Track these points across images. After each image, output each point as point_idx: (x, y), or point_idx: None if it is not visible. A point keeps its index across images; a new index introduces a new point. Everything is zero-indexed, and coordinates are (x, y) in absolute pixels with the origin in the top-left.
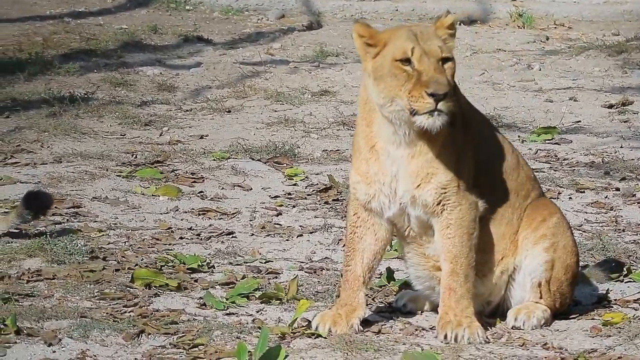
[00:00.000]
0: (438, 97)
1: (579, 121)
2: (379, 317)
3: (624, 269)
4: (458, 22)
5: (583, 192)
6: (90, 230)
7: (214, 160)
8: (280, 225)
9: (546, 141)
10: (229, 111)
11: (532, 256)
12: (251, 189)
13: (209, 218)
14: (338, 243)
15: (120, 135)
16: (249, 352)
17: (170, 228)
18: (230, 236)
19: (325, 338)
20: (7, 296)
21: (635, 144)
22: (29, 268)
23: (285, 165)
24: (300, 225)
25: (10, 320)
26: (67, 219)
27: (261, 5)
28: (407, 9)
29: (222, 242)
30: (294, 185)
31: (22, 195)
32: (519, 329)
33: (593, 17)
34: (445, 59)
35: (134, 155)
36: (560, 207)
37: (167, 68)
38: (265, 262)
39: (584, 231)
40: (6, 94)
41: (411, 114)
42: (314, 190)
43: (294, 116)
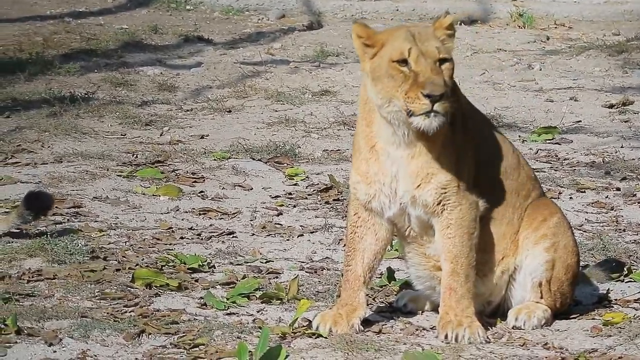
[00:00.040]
0: (434, 98)
1: (580, 121)
2: (379, 317)
3: (625, 269)
4: (458, 22)
5: (584, 192)
6: (90, 230)
7: (215, 160)
8: (281, 225)
9: (547, 141)
10: (230, 111)
11: (533, 256)
12: (252, 188)
13: (210, 218)
14: (339, 243)
15: (121, 135)
16: (249, 352)
17: (171, 228)
18: (231, 236)
19: (325, 338)
20: (7, 296)
21: (636, 143)
22: (29, 268)
23: (285, 165)
24: (300, 225)
25: (11, 320)
26: (67, 219)
27: (262, 5)
28: (408, 9)
29: (222, 242)
30: (295, 185)
31: (22, 195)
32: (520, 328)
33: (593, 17)
34: (443, 60)
35: (135, 155)
36: (560, 207)
37: (167, 68)
38: (265, 262)
39: (584, 231)
40: (7, 93)
41: (408, 115)
42: (314, 190)
43: (294, 116)
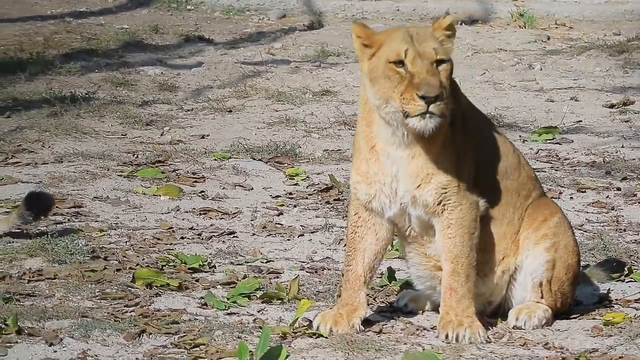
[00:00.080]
0: (429, 99)
1: (580, 121)
2: (380, 316)
3: (625, 269)
4: (459, 22)
5: (584, 191)
6: (91, 230)
7: (215, 160)
8: (282, 225)
9: (547, 141)
10: (230, 111)
11: (534, 256)
12: (252, 188)
13: (210, 218)
14: (339, 243)
15: (122, 135)
16: (250, 352)
17: (172, 228)
18: (232, 236)
19: (326, 338)
20: (8, 296)
21: (637, 143)
22: (30, 268)
23: (286, 165)
24: (301, 225)
25: (12, 320)
26: (68, 219)
27: (262, 5)
28: (409, 9)
29: (223, 241)
30: (295, 185)
31: (23, 195)
32: (520, 328)
33: (594, 17)
34: (440, 61)
35: (135, 155)
36: (561, 207)
37: (168, 68)
38: (266, 262)
39: (585, 231)
40: (7, 93)
41: (404, 116)
42: (315, 190)
43: (295, 116)
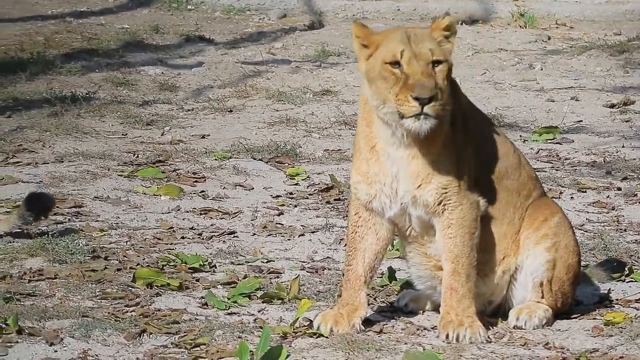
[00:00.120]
0: (422, 100)
1: (581, 121)
2: (380, 316)
3: (626, 269)
4: (460, 22)
5: (585, 191)
6: (91, 230)
7: (216, 159)
8: (282, 224)
9: (548, 141)
10: (231, 111)
11: (534, 256)
12: (253, 188)
13: (211, 218)
14: (340, 243)
15: (122, 134)
16: (250, 351)
17: (172, 228)
18: (232, 236)
19: (326, 338)
20: (8, 296)
21: (637, 143)
22: (30, 267)
23: (286, 164)
24: (301, 225)
25: (12, 319)
26: (68, 219)
27: (263, 5)
28: (409, 9)
29: (223, 241)
30: (296, 184)
31: (23, 195)
32: (521, 328)
33: (595, 17)
34: (437, 62)
35: (136, 155)
36: (561, 207)
37: (168, 68)
38: (266, 262)
39: (585, 231)
40: (8, 93)
41: (399, 117)
42: (315, 190)
43: (295, 116)
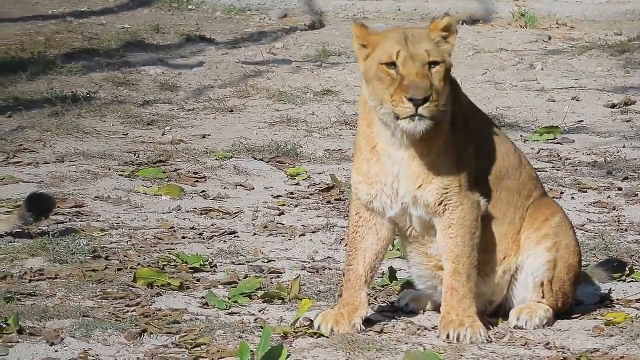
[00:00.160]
0: (416, 102)
1: (581, 121)
2: (381, 316)
3: (626, 269)
4: (460, 22)
5: (585, 191)
6: (92, 230)
7: (216, 159)
8: (283, 224)
9: (548, 141)
10: (231, 110)
11: (535, 256)
12: (253, 188)
13: (211, 217)
14: (340, 242)
15: (123, 134)
16: (251, 351)
17: (173, 227)
18: (233, 235)
19: (327, 337)
20: (9, 295)
21: (638, 143)
22: (31, 267)
23: (287, 164)
24: (302, 225)
25: (13, 319)
26: (69, 219)
27: (263, 5)
28: (410, 9)
29: (224, 241)
30: (296, 184)
31: (24, 194)
32: (521, 328)
33: (595, 17)
34: (434, 63)
35: (137, 155)
36: (562, 207)
37: (169, 67)
38: (267, 262)
39: (586, 231)
40: (9, 93)
41: (395, 117)
42: (316, 190)
43: (296, 115)
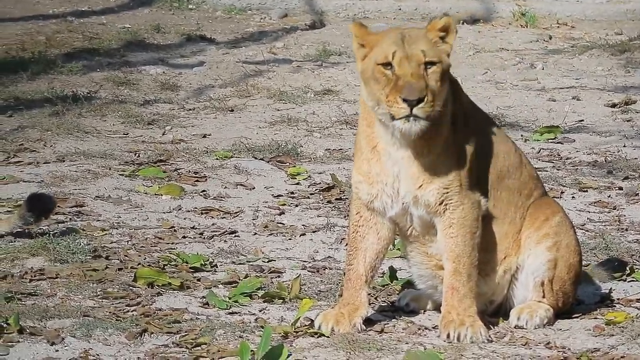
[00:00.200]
0: (411, 102)
1: (582, 120)
2: (381, 316)
3: (627, 268)
4: (461, 22)
5: (586, 191)
6: (93, 229)
7: (217, 159)
8: (283, 224)
9: (549, 140)
10: (232, 110)
11: (535, 255)
12: (254, 188)
13: (212, 217)
14: (341, 242)
15: (123, 134)
16: (251, 351)
17: (173, 227)
18: (233, 235)
19: (327, 337)
20: (10, 295)
21: (638, 143)
22: (31, 267)
23: (288, 164)
24: (303, 225)
25: (13, 319)
26: (70, 218)
27: (264, 5)
28: (410, 8)
29: (224, 241)
30: (297, 184)
31: (25, 194)
32: (522, 328)
33: (596, 17)
34: (430, 63)
35: (137, 154)
36: (563, 206)
37: (170, 67)
38: (268, 261)
39: (586, 230)
40: (9, 93)
41: (391, 118)
42: (316, 189)
43: (296, 115)
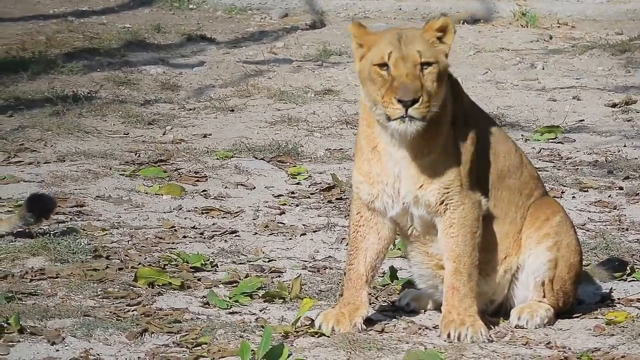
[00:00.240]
0: (405, 103)
1: (583, 120)
2: (382, 316)
3: (628, 268)
4: (461, 21)
5: (586, 191)
6: (93, 229)
7: (217, 159)
8: (284, 224)
9: (549, 140)
10: (232, 110)
11: (536, 255)
12: (254, 187)
13: (212, 217)
14: (341, 242)
15: (124, 134)
16: (252, 350)
17: (174, 227)
18: (234, 235)
19: (328, 337)
20: (10, 295)
21: (639, 142)
22: (32, 267)
23: (288, 164)
24: (303, 224)
25: (14, 319)
26: (70, 218)
27: (264, 4)
28: (411, 8)
29: (225, 240)
30: (297, 184)
31: (25, 194)
32: (522, 328)
33: (596, 16)
34: (426, 64)
35: (137, 154)
36: (563, 206)
37: (170, 67)
38: (268, 261)
39: (587, 230)
40: (10, 93)
41: (387, 119)
42: (317, 189)
43: (297, 115)
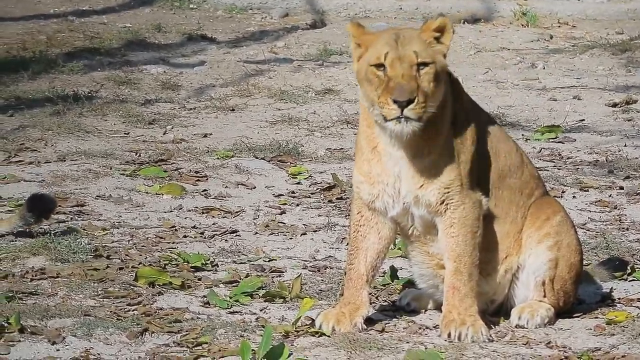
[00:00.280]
0: (401, 103)
1: (583, 120)
2: (382, 315)
3: (628, 268)
4: (462, 21)
5: (587, 190)
6: (94, 229)
7: (218, 158)
8: (284, 223)
9: (550, 140)
10: (233, 110)
11: (536, 255)
12: (255, 187)
13: (213, 216)
14: (342, 242)
15: (124, 133)
16: (252, 350)
17: (174, 226)
18: (234, 235)
19: (328, 336)
20: (11, 294)
21: (639, 142)
22: (32, 266)
23: (289, 163)
24: (304, 224)
25: (14, 318)
26: (71, 218)
27: (265, 4)
28: (411, 8)
29: (225, 240)
30: (298, 183)
31: (26, 194)
32: (523, 327)
33: (597, 16)
34: (423, 64)
35: (138, 154)
36: (564, 206)
37: (171, 67)
38: (269, 261)
39: (587, 230)
40: (10, 92)
41: (383, 119)
42: (317, 189)
43: (297, 115)
